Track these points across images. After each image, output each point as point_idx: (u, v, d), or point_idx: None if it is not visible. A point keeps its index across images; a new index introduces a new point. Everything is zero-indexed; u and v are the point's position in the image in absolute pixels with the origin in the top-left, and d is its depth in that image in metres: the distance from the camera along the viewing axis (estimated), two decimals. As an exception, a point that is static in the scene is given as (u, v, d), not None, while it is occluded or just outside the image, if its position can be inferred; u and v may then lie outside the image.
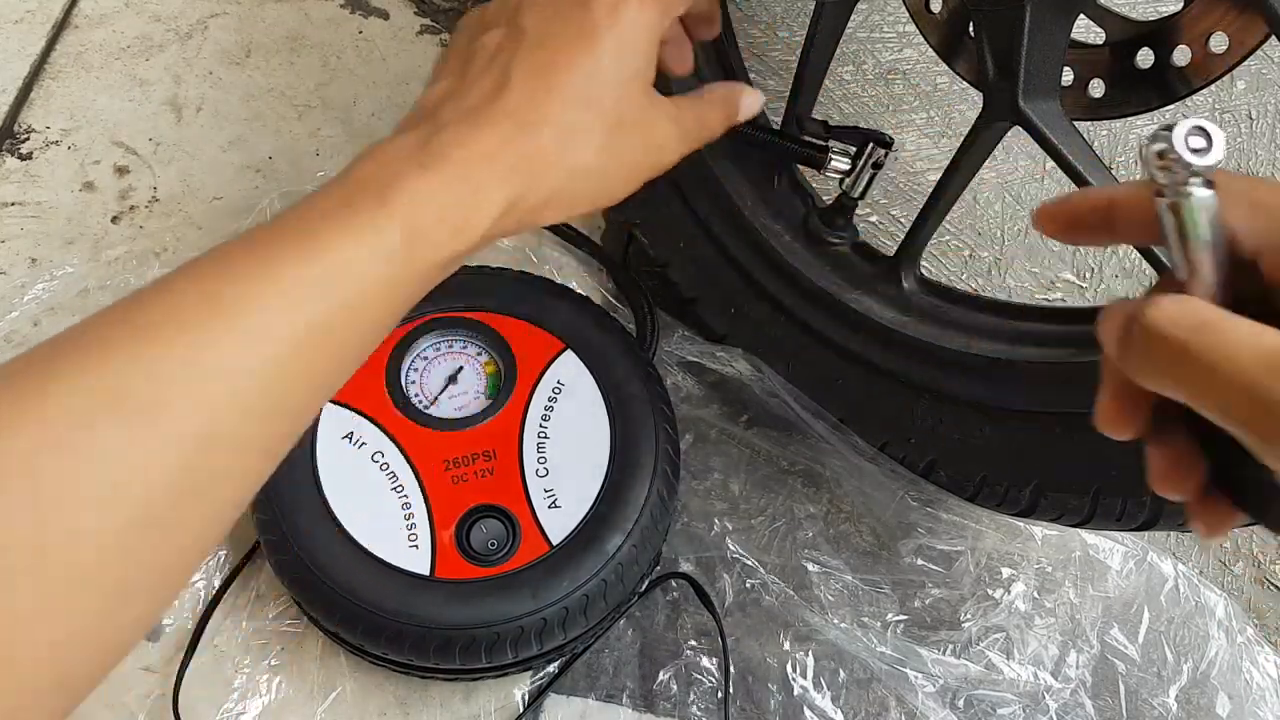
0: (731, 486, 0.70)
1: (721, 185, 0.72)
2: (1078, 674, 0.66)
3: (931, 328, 0.65)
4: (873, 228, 0.85)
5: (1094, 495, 0.56)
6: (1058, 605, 0.67)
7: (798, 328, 0.69)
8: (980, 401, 0.61)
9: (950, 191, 0.62)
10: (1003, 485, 0.61)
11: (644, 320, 0.72)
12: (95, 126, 0.81)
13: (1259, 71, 0.92)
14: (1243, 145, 0.90)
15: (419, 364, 0.64)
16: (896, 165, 0.87)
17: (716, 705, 0.63)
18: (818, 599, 0.66)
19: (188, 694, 0.59)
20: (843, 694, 0.64)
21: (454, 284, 0.66)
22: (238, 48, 0.87)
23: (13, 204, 0.77)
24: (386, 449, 0.60)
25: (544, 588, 0.56)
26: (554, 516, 0.58)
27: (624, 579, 0.58)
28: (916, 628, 0.66)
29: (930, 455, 0.64)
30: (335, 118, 0.84)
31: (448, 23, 0.91)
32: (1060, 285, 0.84)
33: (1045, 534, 0.68)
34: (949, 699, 0.64)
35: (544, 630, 0.56)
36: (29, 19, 0.86)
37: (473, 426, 0.61)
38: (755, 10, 0.93)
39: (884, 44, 0.93)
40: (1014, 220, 0.86)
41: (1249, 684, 0.67)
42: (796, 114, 0.67)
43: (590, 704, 0.62)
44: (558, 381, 0.63)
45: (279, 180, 0.80)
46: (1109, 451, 0.55)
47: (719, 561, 0.66)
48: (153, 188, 0.79)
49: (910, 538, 0.68)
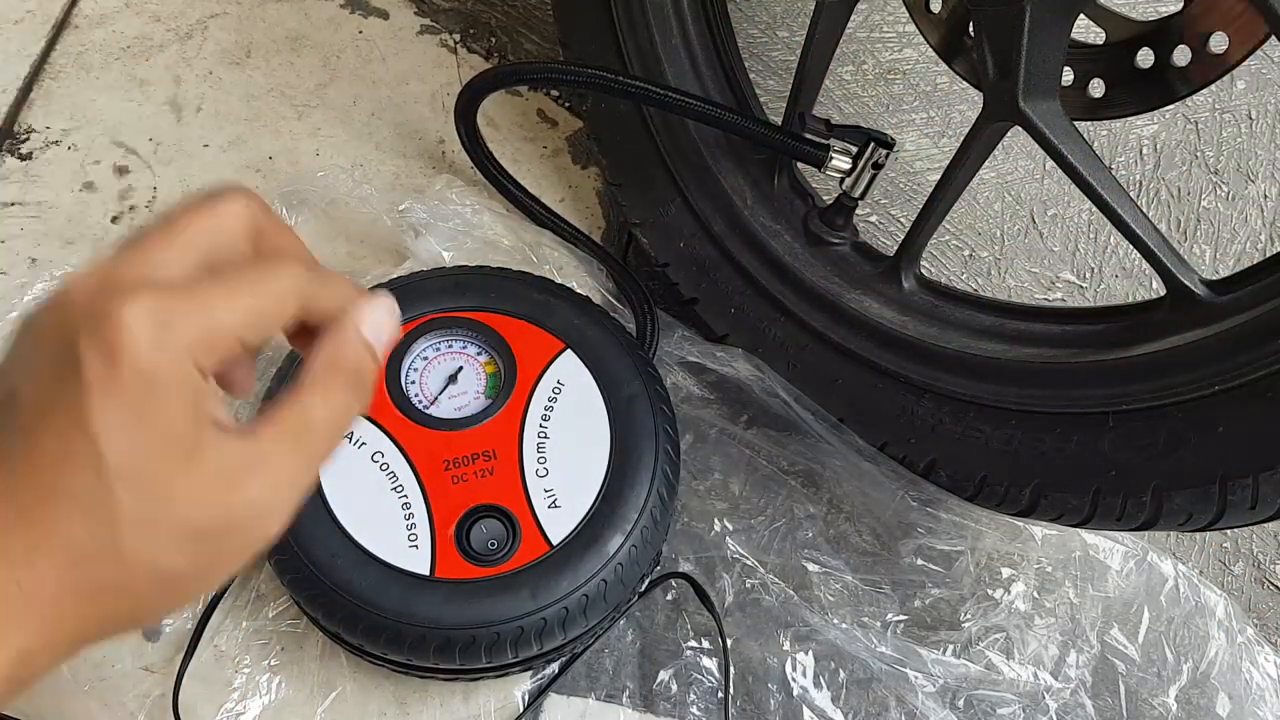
0: (731, 486, 0.70)
1: (721, 185, 0.72)
2: (1078, 674, 0.66)
3: (931, 328, 0.65)
4: (873, 228, 0.85)
5: (1094, 495, 0.56)
6: (1058, 605, 0.67)
7: (798, 327, 0.69)
8: (980, 401, 0.61)
9: (950, 191, 0.62)
10: (1003, 485, 0.61)
11: (644, 320, 0.72)
12: (95, 126, 0.81)
13: (1259, 71, 0.92)
14: (1243, 145, 0.90)
15: (419, 364, 0.64)
16: (896, 165, 0.87)
17: (716, 705, 0.63)
18: (818, 599, 0.66)
19: (188, 694, 0.59)
20: (843, 694, 0.64)
21: (454, 283, 0.67)
22: (238, 48, 0.87)
23: (13, 204, 0.77)
24: (386, 449, 0.60)
25: (544, 588, 0.56)
26: (554, 516, 0.58)
27: (624, 579, 0.58)
28: (916, 628, 0.66)
29: (930, 455, 0.64)
30: (335, 118, 0.84)
31: (447, 23, 0.91)
32: (1060, 285, 0.84)
33: (1045, 534, 0.68)
34: (949, 699, 0.64)
35: (544, 630, 0.56)
36: (29, 19, 0.86)
37: (473, 426, 0.61)
38: (755, 10, 0.93)
39: (884, 44, 0.93)
40: (1014, 220, 0.86)
41: (1249, 684, 0.67)
42: (798, 112, 0.67)
43: (590, 704, 0.62)
44: (557, 381, 0.63)
45: (279, 180, 0.80)
46: (1109, 451, 0.55)
47: (719, 561, 0.66)
48: (153, 188, 0.79)
49: (910, 538, 0.68)
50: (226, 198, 0.36)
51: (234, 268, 0.35)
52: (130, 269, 0.33)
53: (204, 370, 0.33)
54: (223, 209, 0.36)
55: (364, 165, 0.82)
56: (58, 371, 0.31)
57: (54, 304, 0.33)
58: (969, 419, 0.62)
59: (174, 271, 0.34)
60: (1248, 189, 0.88)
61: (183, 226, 0.35)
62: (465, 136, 0.76)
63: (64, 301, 0.32)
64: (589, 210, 0.83)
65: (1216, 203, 0.87)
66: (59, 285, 0.33)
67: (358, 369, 0.37)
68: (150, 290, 0.32)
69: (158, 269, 0.33)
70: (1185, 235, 0.86)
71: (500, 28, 0.92)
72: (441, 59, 0.89)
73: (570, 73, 0.70)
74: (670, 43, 0.73)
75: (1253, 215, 0.87)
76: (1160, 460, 0.53)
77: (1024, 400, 0.59)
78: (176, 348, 0.32)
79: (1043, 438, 0.58)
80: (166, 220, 0.35)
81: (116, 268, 0.33)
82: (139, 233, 0.34)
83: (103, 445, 0.31)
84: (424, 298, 0.66)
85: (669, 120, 0.73)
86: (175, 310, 0.32)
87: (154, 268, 0.33)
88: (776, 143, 0.67)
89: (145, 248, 0.34)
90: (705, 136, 0.72)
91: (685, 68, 0.73)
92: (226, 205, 0.36)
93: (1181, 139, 0.90)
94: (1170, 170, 0.89)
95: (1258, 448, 0.49)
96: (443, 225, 0.74)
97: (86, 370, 0.31)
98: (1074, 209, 0.86)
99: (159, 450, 0.32)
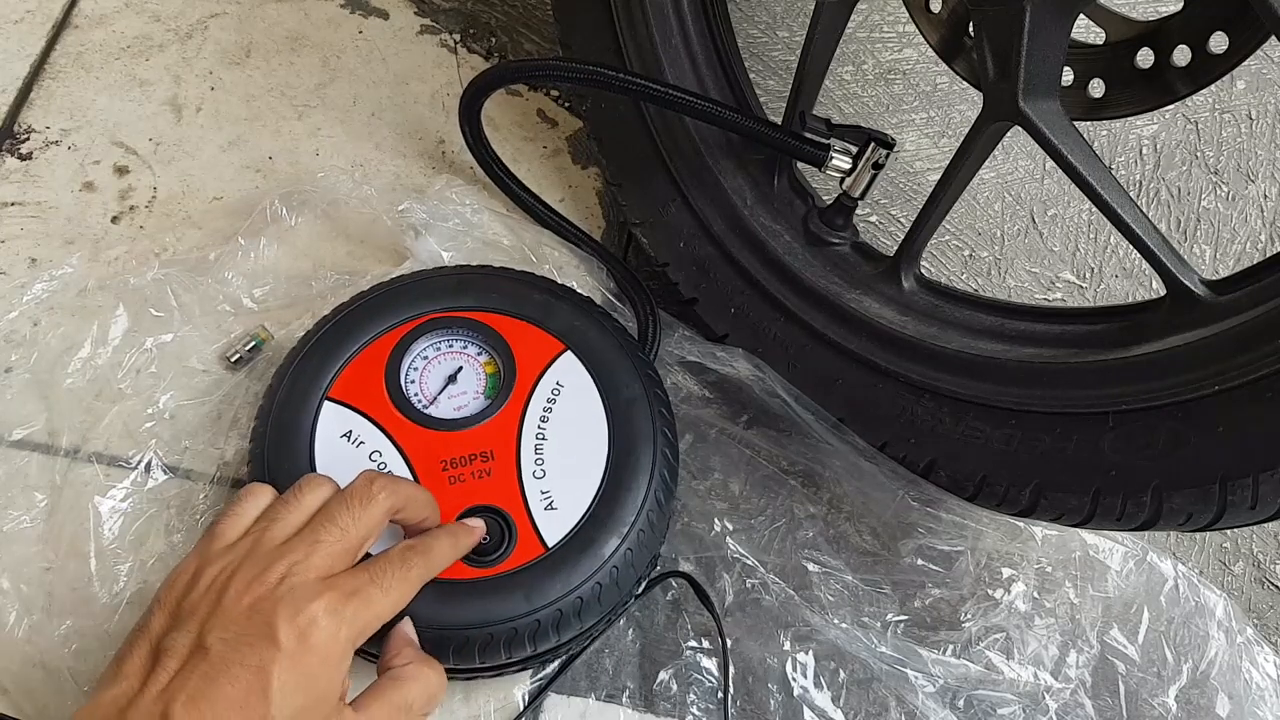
0: (731, 486, 0.70)
1: (721, 185, 0.72)
2: (1078, 674, 0.66)
3: (931, 328, 0.65)
4: (873, 228, 0.85)
5: (1094, 495, 0.56)
6: (1058, 605, 0.67)
7: (798, 327, 0.69)
8: (980, 401, 0.61)
9: (950, 191, 0.62)
10: (1003, 485, 0.61)
11: (645, 321, 0.72)
12: (95, 126, 0.81)
13: (1259, 71, 0.92)
14: (1243, 145, 0.90)
15: (419, 363, 0.64)
16: (896, 165, 0.87)
17: (716, 705, 0.63)
18: (818, 599, 0.66)
19: (187, 694, 0.59)
20: (843, 694, 0.64)
21: (454, 284, 0.67)
22: (238, 48, 0.87)
23: (13, 204, 0.77)
24: (384, 448, 0.60)
25: (538, 590, 0.56)
26: (550, 518, 0.58)
27: (619, 582, 0.58)
28: (916, 628, 0.66)
29: (930, 455, 0.64)
30: (335, 118, 0.84)
31: (448, 23, 0.91)
32: (1060, 285, 0.84)
33: (1045, 534, 0.68)
34: (949, 699, 0.64)
35: (537, 632, 0.56)
36: (29, 19, 0.86)
37: (471, 427, 0.61)
38: (755, 10, 0.93)
39: (884, 44, 0.93)
40: (1014, 220, 0.86)
41: (1249, 684, 0.67)
42: (799, 111, 0.67)
43: (590, 704, 0.62)
44: (557, 383, 0.63)
45: (279, 180, 0.80)
46: (1109, 451, 0.55)
47: (719, 561, 0.66)
48: (153, 188, 0.79)
49: (910, 538, 0.68)
50: (376, 499, 0.50)
51: (388, 567, 0.50)
52: (313, 570, 0.47)
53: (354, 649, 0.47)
54: (375, 512, 0.50)
55: (364, 165, 0.82)
56: (252, 639, 0.44)
57: (249, 587, 0.46)
58: (969, 419, 0.62)
59: (344, 570, 0.49)
60: (1248, 189, 0.88)
61: (351, 534, 0.49)
62: (469, 134, 0.76)
63: (262, 587, 0.46)
64: (589, 210, 0.83)
65: (1216, 203, 0.87)
66: (253, 570, 0.47)
67: (427, 693, 0.50)
68: (333, 591, 0.46)
69: (335, 568, 0.48)
70: (1185, 235, 0.86)
71: (500, 28, 0.92)
72: (441, 59, 0.89)
73: (576, 70, 0.70)
74: (670, 43, 0.73)
75: (1253, 215, 0.87)
76: (1160, 460, 0.53)
77: (1024, 400, 0.59)
78: (346, 638, 0.46)
79: (1043, 438, 0.58)
80: (331, 519, 0.49)
81: (307, 568, 0.47)
82: (319, 532, 0.49)
83: (274, 701, 0.43)
84: (425, 297, 0.66)
85: (669, 120, 0.73)
86: (348, 608, 0.46)
87: (331, 568, 0.48)
88: (777, 141, 0.67)
89: (326, 552, 0.48)
90: (705, 136, 0.72)
91: (685, 68, 0.73)
92: (376, 509, 0.50)
93: (1181, 139, 0.90)
94: (1170, 170, 0.89)
95: (1258, 448, 0.49)
96: (443, 225, 0.74)
97: (283, 644, 0.44)
98: (1074, 209, 0.86)
99: (310, 713, 0.45)
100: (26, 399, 0.67)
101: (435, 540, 0.53)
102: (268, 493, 0.53)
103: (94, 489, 0.63)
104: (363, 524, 0.50)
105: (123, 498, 0.64)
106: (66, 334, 0.69)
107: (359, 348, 0.63)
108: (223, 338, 0.70)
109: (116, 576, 0.61)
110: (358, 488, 0.51)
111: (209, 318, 0.71)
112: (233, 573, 0.47)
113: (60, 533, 0.62)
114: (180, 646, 0.45)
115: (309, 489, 0.52)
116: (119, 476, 0.64)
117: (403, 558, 0.51)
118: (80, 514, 0.62)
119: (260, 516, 0.51)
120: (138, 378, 0.68)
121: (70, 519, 0.62)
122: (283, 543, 0.49)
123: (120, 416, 0.66)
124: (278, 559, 0.47)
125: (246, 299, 0.72)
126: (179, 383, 0.69)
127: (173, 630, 0.46)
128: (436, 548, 0.53)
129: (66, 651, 0.58)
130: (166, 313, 0.70)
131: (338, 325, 0.64)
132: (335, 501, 0.51)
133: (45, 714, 0.57)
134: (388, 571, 0.50)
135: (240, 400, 0.69)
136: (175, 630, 0.46)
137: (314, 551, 0.48)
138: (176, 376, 0.69)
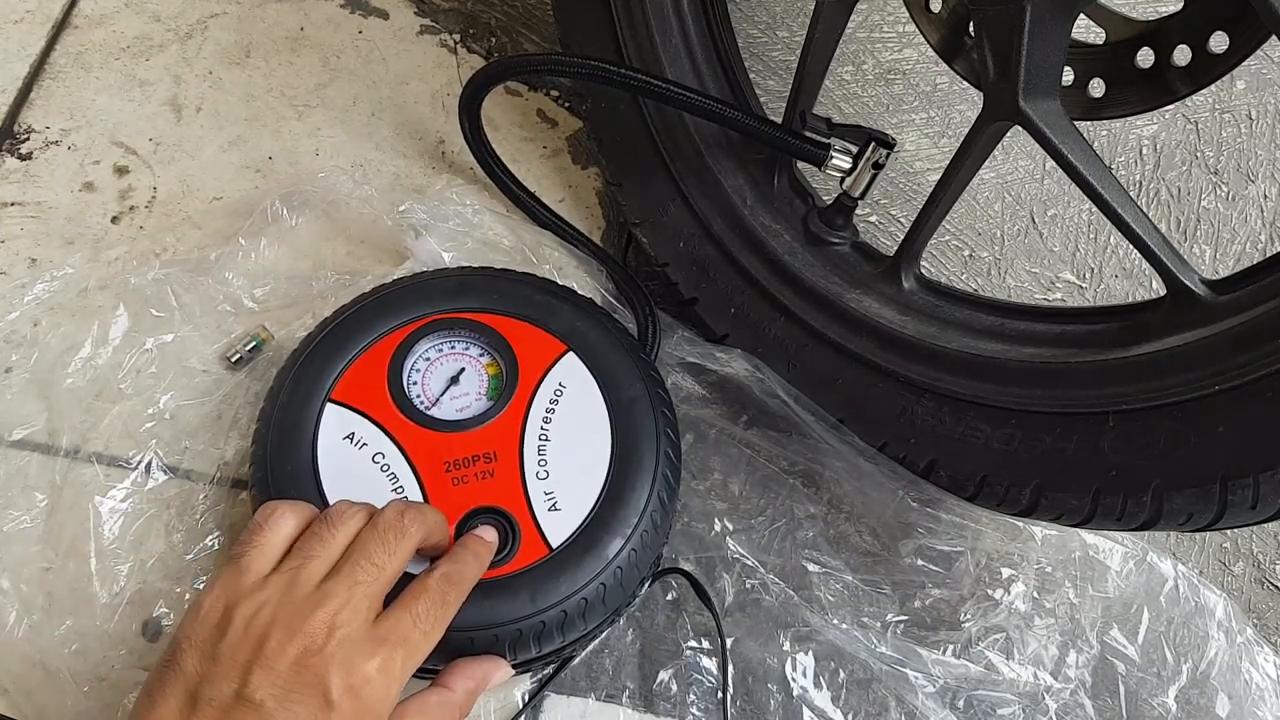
0: (731, 486, 0.70)
1: (721, 184, 0.72)
2: (1078, 674, 0.66)
3: (931, 327, 0.65)
4: (873, 228, 0.85)
5: (1094, 495, 0.56)
6: (1058, 605, 0.67)
7: (798, 327, 0.69)
8: (980, 401, 0.61)
9: (950, 191, 0.62)
10: (1003, 485, 0.61)
11: (645, 322, 0.72)
12: (95, 126, 0.81)
13: (1259, 71, 0.92)
14: (1243, 145, 0.90)
15: (421, 365, 0.64)
16: (896, 165, 0.87)
17: (716, 705, 0.63)
18: (818, 599, 0.66)
19: (188, 694, 0.59)
20: (843, 694, 0.64)
21: (456, 285, 0.67)
22: (238, 48, 0.87)
23: (13, 204, 0.77)
24: (387, 450, 0.60)
25: (542, 591, 0.56)
26: (554, 519, 0.58)
27: (623, 583, 0.58)
28: (916, 628, 0.66)
29: (930, 455, 0.64)
30: (335, 118, 0.84)
31: (447, 23, 0.91)
32: (1060, 285, 0.84)
33: (1045, 534, 0.68)
34: (949, 699, 0.64)
35: (542, 633, 0.56)
36: (29, 19, 0.86)
37: (474, 428, 0.61)
38: (755, 10, 0.93)
39: (884, 44, 0.93)
40: (1014, 220, 0.86)
41: (1249, 684, 0.67)
42: (800, 111, 0.67)
43: (590, 704, 0.62)
44: (559, 384, 0.63)
45: (279, 180, 0.80)
46: (1109, 451, 0.55)
47: (719, 561, 0.66)
48: (153, 188, 0.79)
49: (910, 538, 0.68)
50: (408, 533, 0.50)
51: (431, 607, 0.50)
52: (359, 617, 0.47)
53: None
54: (407, 546, 0.50)
55: (364, 165, 0.82)
56: (304, 698, 0.44)
57: (293, 642, 0.45)
58: (969, 419, 0.62)
59: (385, 613, 0.49)
60: (1248, 189, 0.88)
61: (388, 572, 0.49)
62: (468, 131, 0.76)
63: (308, 639, 0.45)
64: (589, 210, 0.83)
65: (1216, 203, 0.87)
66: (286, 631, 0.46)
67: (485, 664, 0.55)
68: (383, 648, 0.47)
69: (375, 609, 0.48)
70: (1185, 235, 0.86)
71: (500, 28, 0.92)
72: (441, 59, 0.89)
73: (578, 65, 0.70)
74: (670, 42, 0.73)
75: (1253, 215, 0.87)
76: (1160, 460, 0.53)
77: (1024, 400, 0.59)
78: (396, 692, 0.47)
79: (1043, 438, 0.58)
80: (367, 556, 0.49)
81: (353, 617, 0.47)
82: (357, 572, 0.48)
83: None
84: (427, 298, 0.66)
85: (669, 120, 0.73)
86: (397, 661, 0.47)
87: (371, 609, 0.48)
88: (777, 140, 0.67)
89: (365, 594, 0.48)
90: (705, 136, 0.72)
91: (685, 68, 0.73)
92: (409, 543, 0.50)
93: (1181, 139, 0.90)
94: (1170, 170, 0.89)
95: (1258, 448, 0.49)
96: (443, 225, 0.74)
97: (336, 704, 0.44)
98: (1074, 209, 0.86)
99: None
100: (26, 399, 0.67)
101: (465, 567, 0.53)
102: (289, 517, 0.51)
103: (94, 489, 0.63)
104: (397, 560, 0.49)
105: (123, 498, 0.64)
106: (67, 334, 0.69)
107: (361, 349, 0.63)
108: (223, 338, 0.71)
109: (116, 576, 0.61)
110: (389, 522, 0.50)
111: (209, 318, 0.71)
112: (272, 617, 0.46)
113: (60, 533, 0.62)
114: (222, 697, 0.44)
115: (341, 523, 0.50)
116: (119, 477, 0.65)
117: (440, 592, 0.50)
118: (80, 514, 0.62)
119: (293, 552, 0.50)
120: (138, 378, 0.68)
121: (70, 519, 0.62)
122: (320, 582, 0.48)
123: (120, 417, 0.66)
124: (319, 605, 0.46)
125: (247, 299, 0.72)
126: (179, 383, 0.69)
127: (212, 677, 0.45)
128: (468, 574, 0.52)
129: (66, 651, 0.58)
130: (167, 313, 0.70)
131: (339, 327, 0.64)
132: (369, 537, 0.50)
133: (45, 714, 0.57)
134: (430, 613, 0.49)
135: (241, 400, 0.69)
136: (215, 679, 0.44)
137: (354, 594, 0.47)
138: (177, 376, 0.69)
